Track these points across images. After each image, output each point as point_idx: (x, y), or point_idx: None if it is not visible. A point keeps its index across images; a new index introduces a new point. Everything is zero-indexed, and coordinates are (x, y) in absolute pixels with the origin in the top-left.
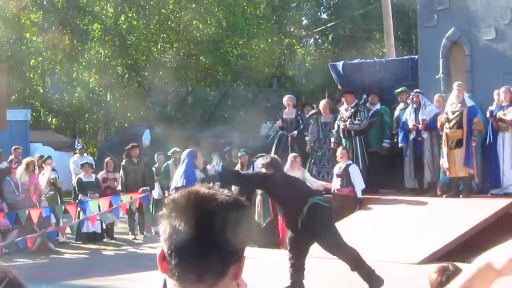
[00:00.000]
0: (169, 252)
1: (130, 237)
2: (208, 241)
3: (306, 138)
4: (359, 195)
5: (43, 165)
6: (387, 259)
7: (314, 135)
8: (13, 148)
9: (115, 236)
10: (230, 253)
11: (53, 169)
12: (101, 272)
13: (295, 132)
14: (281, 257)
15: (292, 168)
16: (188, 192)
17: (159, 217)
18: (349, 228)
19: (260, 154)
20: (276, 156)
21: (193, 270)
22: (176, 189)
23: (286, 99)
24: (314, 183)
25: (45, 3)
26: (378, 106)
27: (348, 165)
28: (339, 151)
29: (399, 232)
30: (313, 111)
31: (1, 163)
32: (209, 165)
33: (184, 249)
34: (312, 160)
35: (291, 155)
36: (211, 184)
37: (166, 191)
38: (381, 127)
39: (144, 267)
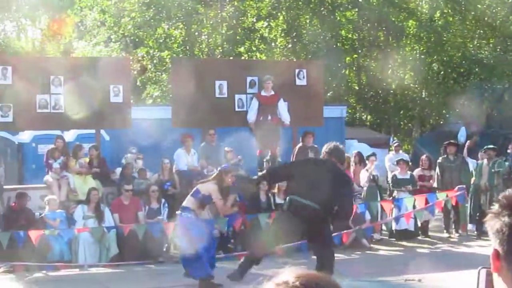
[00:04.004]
0: (508, 252)
1: (445, 235)
2: None
3: None
4: None
5: (367, 161)
6: None
7: None
8: None
9: (429, 234)
10: None
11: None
12: (413, 270)
13: None
14: None
15: None
16: None
17: (489, 215)
18: None
19: None
20: None
21: None
22: None
23: None
24: None
25: (360, 0)
26: None
27: None
28: None
29: None
30: None
31: None
32: None
33: None
34: None
35: None
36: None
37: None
38: None
39: (457, 266)
